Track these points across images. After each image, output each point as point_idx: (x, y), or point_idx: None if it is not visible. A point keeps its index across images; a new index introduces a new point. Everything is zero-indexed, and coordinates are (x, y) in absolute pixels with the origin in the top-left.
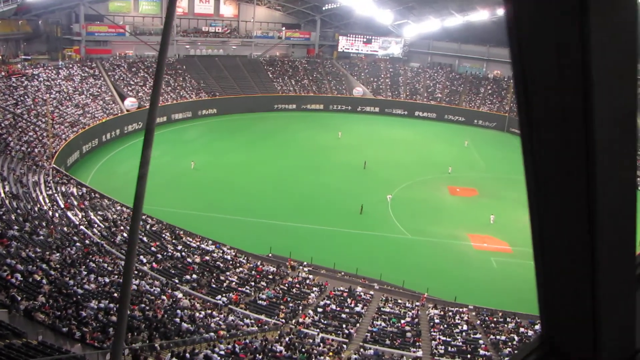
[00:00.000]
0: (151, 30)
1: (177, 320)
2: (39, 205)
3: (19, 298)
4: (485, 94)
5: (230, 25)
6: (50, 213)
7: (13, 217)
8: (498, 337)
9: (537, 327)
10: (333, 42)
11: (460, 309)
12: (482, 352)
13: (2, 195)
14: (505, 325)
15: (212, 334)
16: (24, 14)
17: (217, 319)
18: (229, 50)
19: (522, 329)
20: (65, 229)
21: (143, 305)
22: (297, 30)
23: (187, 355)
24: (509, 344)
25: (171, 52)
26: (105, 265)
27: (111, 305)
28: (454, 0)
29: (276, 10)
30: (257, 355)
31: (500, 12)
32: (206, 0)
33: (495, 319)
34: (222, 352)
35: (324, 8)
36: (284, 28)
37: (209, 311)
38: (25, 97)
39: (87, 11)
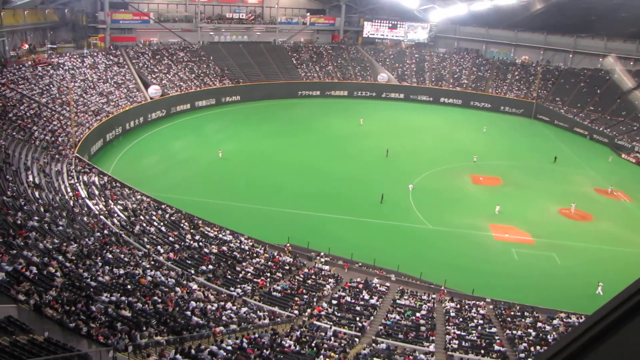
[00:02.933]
0: (175, 17)
1: (188, 313)
2: (60, 195)
3: (32, 292)
4: (513, 80)
5: (255, 12)
6: (72, 203)
7: (34, 208)
8: (514, 332)
9: (555, 322)
10: (358, 28)
11: (477, 302)
12: (496, 347)
13: (25, 185)
14: (523, 320)
15: (222, 328)
16: (51, 2)
17: (230, 311)
18: (253, 36)
19: (539, 324)
20: (85, 218)
21: (155, 297)
22: (322, 15)
23: (192, 351)
24: (525, 339)
25: (195, 39)
26: (122, 256)
27: (122, 298)
28: None
29: None
30: (265, 350)
31: None
32: None
33: (512, 313)
34: (230, 347)
35: None
36: (308, 14)
37: (222, 303)
38: (51, 86)
39: None
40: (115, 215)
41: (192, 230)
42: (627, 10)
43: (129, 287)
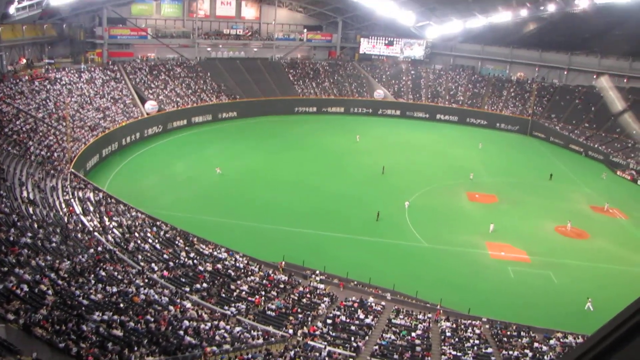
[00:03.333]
0: (173, 33)
1: (181, 332)
2: (54, 211)
3: (21, 312)
4: (508, 97)
5: (252, 28)
6: (66, 219)
7: (28, 224)
8: (510, 352)
9: (552, 342)
10: (355, 44)
11: (474, 322)
12: None
13: (19, 200)
14: (519, 340)
15: (214, 347)
16: (49, 18)
17: (223, 330)
18: (250, 52)
19: (536, 344)
20: (79, 235)
21: (148, 316)
22: (319, 32)
23: None
24: (521, 359)
25: (192, 55)
26: (115, 273)
27: (115, 317)
28: (476, 1)
29: (298, 12)
30: None
31: (524, 13)
32: (228, 3)
33: (508, 333)
34: None
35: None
36: (305, 30)
37: (216, 322)
38: (47, 101)
39: (110, 14)
40: (110, 232)
41: (186, 248)
42: (620, 29)
43: (121, 305)
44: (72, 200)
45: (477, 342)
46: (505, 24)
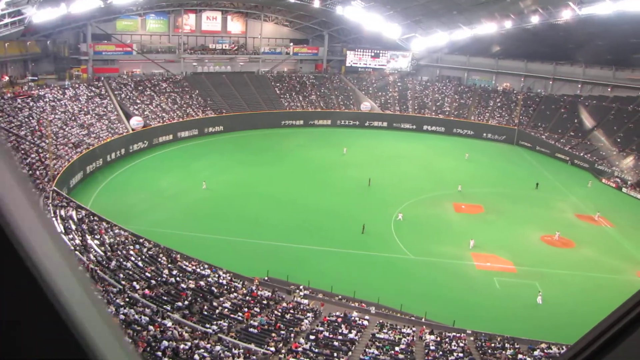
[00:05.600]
0: (159, 48)
1: (159, 354)
2: None
3: None
4: (495, 107)
5: (238, 42)
6: None
7: None
8: None
9: (536, 353)
10: (341, 57)
11: (458, 334)
12: None
13: None
14: (503, 352)
15: None
16: (32, 34)
17: (203, 350)
18: (236, 66)
19: (520, 356)
20: None
21: (126, 337)
22: (305, 45)
23: None
24: None
25: (178, 70)
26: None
27: None
28: (461, 13)
29: (284, 25)
30: None
31: (508, 24)
32: (213, 17)
33: (493, 345)
34: None
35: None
36: (291, 44)
37: (197, 341)
38: (30, 118)
39: (95, 30)
40: (92, 250)
41: (169, 265)
42: (603, 39)
43: None
44: (54, 219)
45: (461, 355)
46: (490, 36)
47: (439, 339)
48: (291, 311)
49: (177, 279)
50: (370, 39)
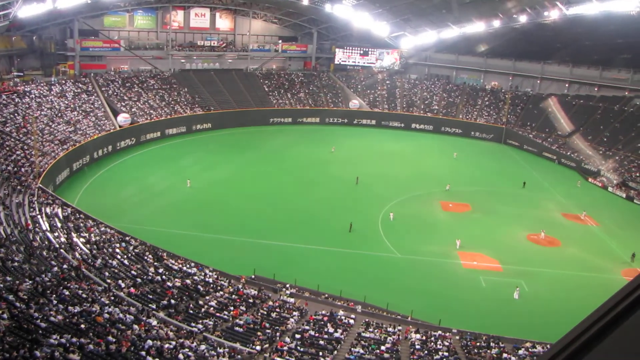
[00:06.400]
0: (147, 45)
1: (143, 353)
2: (19, 228)
3: None
4: (483, 106)
5: (226, 39)
6: (31, 236)
7: None
8: None
9: (521, 352)
10: (330, 55)
11: (443, 334)
12: None
13: None
14: (488, 351)
15: None
16: (18, 30)
17: (187, 349)
18: (225, 64)
19: (505, 355)
20: (44, 252)
21: (110, 337)
22: (294, 43)
23: None
24: None
25: (166, 67)
26: (80, 292)
27: (74, 340)
28: (450, 12)
29: (272, 23)
30: None
31: (496, 23)
32: (202, 14)
33: (478, 344)
34: None
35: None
36: (280, 41)
37: (182, 340)
38: (15, 114)
39: (82, 26)
40: (78, 248)
41: (155, 263)
42: (590, 39)
43: (82, 326)
44: (39, 216)
45: (446, 354)
46: (479, 34)
47: (424, 338)
48: (277, 310)
49: (163, 277)
50: (359, 36)
